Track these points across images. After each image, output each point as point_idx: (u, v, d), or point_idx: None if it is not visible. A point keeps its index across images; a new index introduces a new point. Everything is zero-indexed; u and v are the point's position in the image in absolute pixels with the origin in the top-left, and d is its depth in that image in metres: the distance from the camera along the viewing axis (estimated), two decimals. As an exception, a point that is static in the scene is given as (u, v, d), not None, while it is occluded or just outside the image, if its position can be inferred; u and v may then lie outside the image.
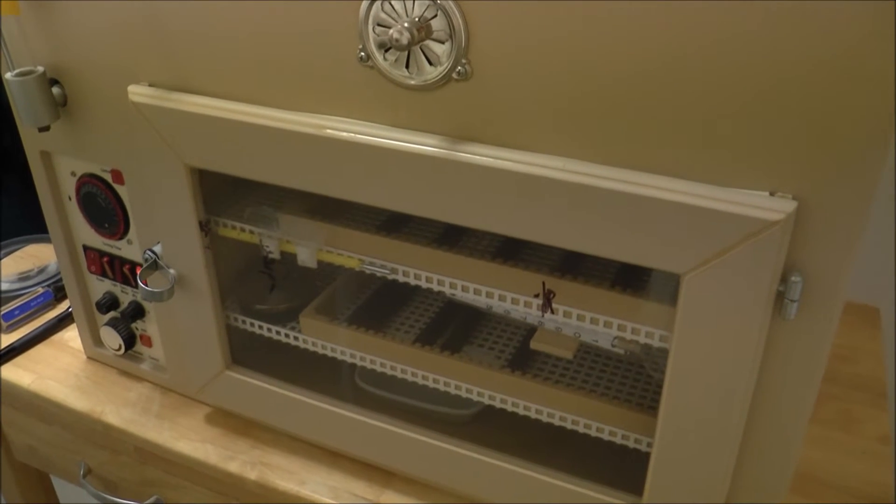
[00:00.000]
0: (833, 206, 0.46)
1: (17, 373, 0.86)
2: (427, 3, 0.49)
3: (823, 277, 0.48)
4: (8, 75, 0.66)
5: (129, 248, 0.77)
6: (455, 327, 0.75)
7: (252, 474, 0.73)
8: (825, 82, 0.42)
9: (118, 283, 0.81)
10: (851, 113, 0.43)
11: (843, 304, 0.49)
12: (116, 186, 0.74)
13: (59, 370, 0.87)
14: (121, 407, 0.82)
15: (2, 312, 0.92)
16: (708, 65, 0.44)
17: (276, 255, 0.71)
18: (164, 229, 0.69)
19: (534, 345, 0.65)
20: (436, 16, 0.50)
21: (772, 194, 0.46)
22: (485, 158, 0.52)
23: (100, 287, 0.83)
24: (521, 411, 0.66)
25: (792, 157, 0.45)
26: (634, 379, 0.68)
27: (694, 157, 0.47)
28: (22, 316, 0.93)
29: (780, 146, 0.45)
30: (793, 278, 0.47)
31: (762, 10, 0.42)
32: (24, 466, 0.98)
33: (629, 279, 0.59)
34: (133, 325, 0.82)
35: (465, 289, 0.62)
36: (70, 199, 0.78)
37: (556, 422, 0.65)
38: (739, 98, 0.45)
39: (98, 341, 0.86)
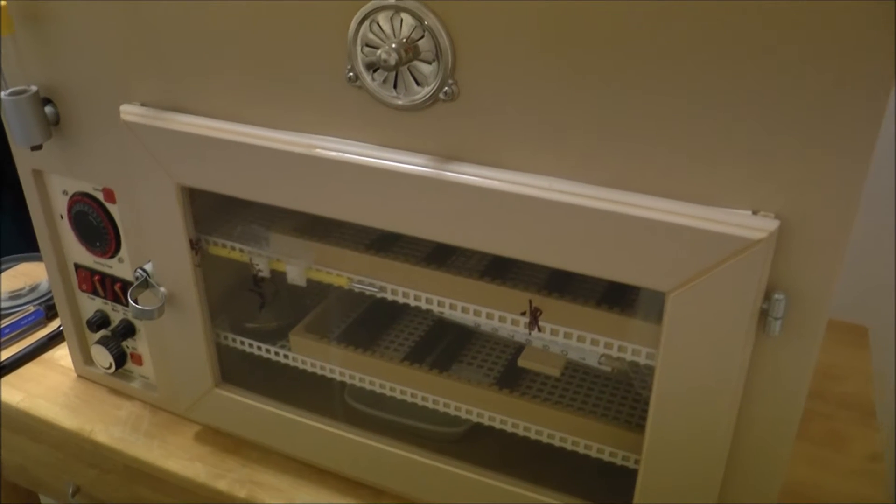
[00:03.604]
0: (815, 224, 0.46)
1: (7, 391, 0.86)
2: (414, 24, 0.50)
3: (807, 295, 0.48)
4: (1, 94, 0.67)
5: (120, 267, 0.78)
6: (444, 345, 0.75)
7: (241, 492, 0.73)
8: (807, 101, 0.43)
9: (109, 302, 0.81)
10: (834, 133, 0.43)
11: (827, 321, 0.49)
12: (108, 205, 0.74)
13: (49, 389, 0.87)
14: (110, 425, 0.82)
15: (-7, 331, 0.93)
16: (691, 84, 0.45)
17: (265, 274, 0.71)
18: (155, 248, 0.69)
19: (521, 362, 0.66)
20: (423, 37, 0.50)
21: (755, 213, 0.47)
22: (471, 178, 0.52)
23: (91, 305, 0.83)
24: (509, 429, 0.66)
25: (775, 176, 0.46)
26: (622, 396, 0.68)
27: (677, 177, 0.48)
28: (13, 334, 0.93)
29: (763, 165, 0.46)
30: (776, 296, 0.48)
31: (745, 30, 0.43)
32: (13, 486, 0.97)
33: (616, 297, 0.59)
34: (124, 344, 0.82)
35: (453, 307, 0.63)
36: (62, 217, 0.78)
37: (544, 439, 0.65)
38: (723, 117, 0.45)
39: (89, 360, 0.86)
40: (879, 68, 0.41)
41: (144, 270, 0.71)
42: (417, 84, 0.52)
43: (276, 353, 0.74)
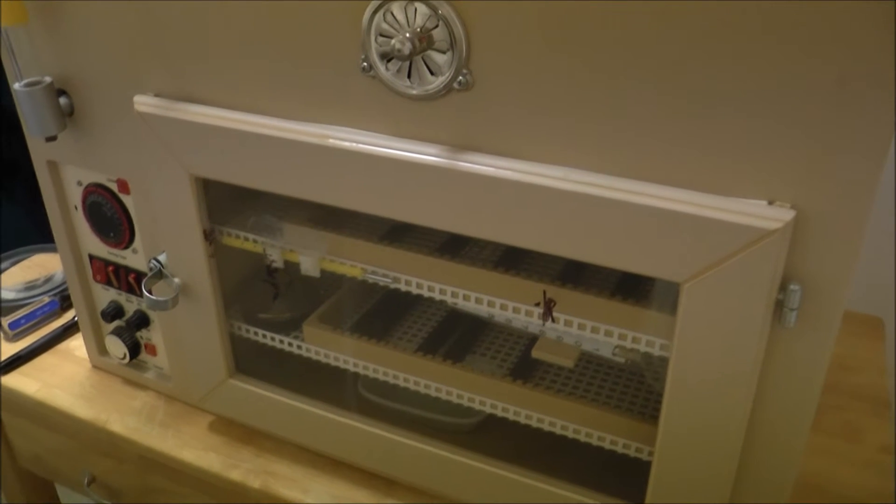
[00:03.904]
0: (831, 215, 0.46)
1: (23, 381, 0.87)
2: (428, 13, 0.50)
3: (823, 286, 0.48)
4: (16, 86, 0.67)
5: (134, 258, 0.78)
6: (457, 336, 0.75)
7: (255, 483, 0.74)
8: (824, 90, 0.43)
9: (123, 293, 0.81)
10: (850, 122, 0.43)
11: (843, 312, 0.49)
12: (122, 196, 0.74)
13: (65, 379, 0.88)
14: (125, 415, 0.82)
15: (8, 321, 0.93)
16: (706, 75, 0.45)
17: (279, 265, 0.71)
18: (169, 238, 0.70)
19: (535, 353, 0.65)
20: (437, 26, 0.50)
21: (770, 203, 0.47)
22: (486, 168, 0.52)
23: (105, 296, 0.83)
24: (522, 420, 0.66)
25: (790, 166, 0.45)
26: (636, 388, 0.68)
27: (693, 167, 0.48)
28: (28, 325, 0.94)
29: (779, 155, 0.45)
30: (792, 287, 0.48)
31: (761, 21, 0.42)
32: (29, 474, 0.98)
33: (630, 288, 0.59)
34: (138, 334, 0.83)
35: (466, 298, 0.62)
36: (76, 208, 0.79)
37: (558, 431, 0.65)
38: (738, 107, 0.45)
39: (103, 350, 0.87)
40: (893, 60, 0.40)
41: (158, 261, 0.71)
42: (431, 74, 0.52)
43: (290, 344, 0.74)
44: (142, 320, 0.81)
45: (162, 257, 0.71)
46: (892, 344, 0.98)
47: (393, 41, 0.50)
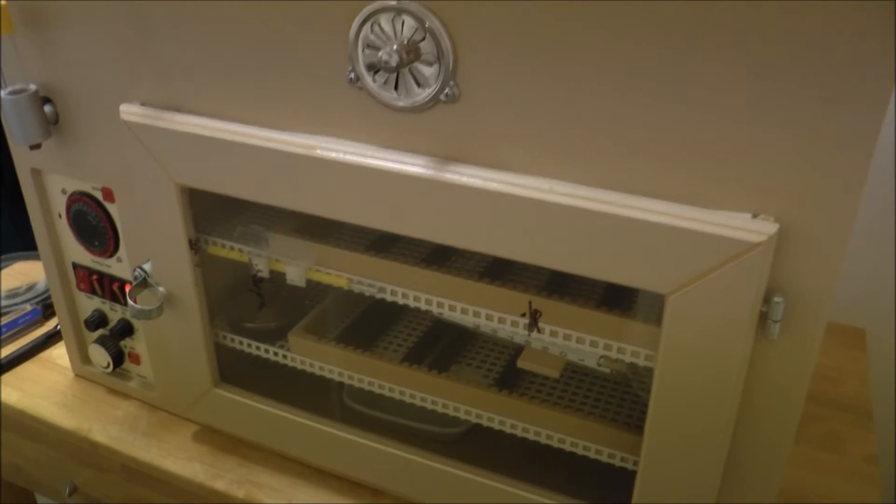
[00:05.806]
0: (815, 228, 0.46)
1: (5, 390, 0.86)
2: (416, 25, 0.50)
3: (806, 298, 0.48)
4: (1, 93, 0.66)
5: (118, 266, 0.77)
6: (443, 346, 0.75)
7: (239, 493, 0.73)
8: (807, 106, 0.43)
9: (107, 301, 0.81)
10: (833, 136, 0.43)
11: (826, 324, 0.49)
12: (107, 204, 0.74)
13: (47, 388, 0.87)
14: (108, 425, 0.82)
15: (-10, 330, 0.92)
16: (692, 89, 0.45)
17: (265, 274, 0.71)
18: (154, 247, 0.69)
19: (521, 364, 0.66)
20: (424, 38, 0.50)
21: (754, 216, 0.47)
22: (472, 179, 0.52)
23: (89, 305, 0.83)
24: (508, 430, 0.66)
25: (774, 179, 0.46)
26: (621, 398, 0.68)
27: (678, 180, 0.48)
28: (10, 333, 0.93)
29: (763, 169, 0.46)
30: (775, 299, 0.48)
31: (747, 36, 0.43)
32: (9, 485, 0.97)
33: (615, 299, 0.59)
34: (122, 343, 0.82)
35: (452, 308, 0.63)
36: (60, 216, 0.78)
37: (543, 440, 0.65)
38: (723, 121, 0.45)
39: (86, 359, 0.86)
40: (878, 74, 0.41)
41: (143, 270, 0.71)
42: (418, 86, 0.52)
43: (275, 354, 0.74)
44: (126, 329, 0.81)
45: (147, 266, 0.71)
46: (874, 355, 0.98)
47: (380, 53, 0.50)
